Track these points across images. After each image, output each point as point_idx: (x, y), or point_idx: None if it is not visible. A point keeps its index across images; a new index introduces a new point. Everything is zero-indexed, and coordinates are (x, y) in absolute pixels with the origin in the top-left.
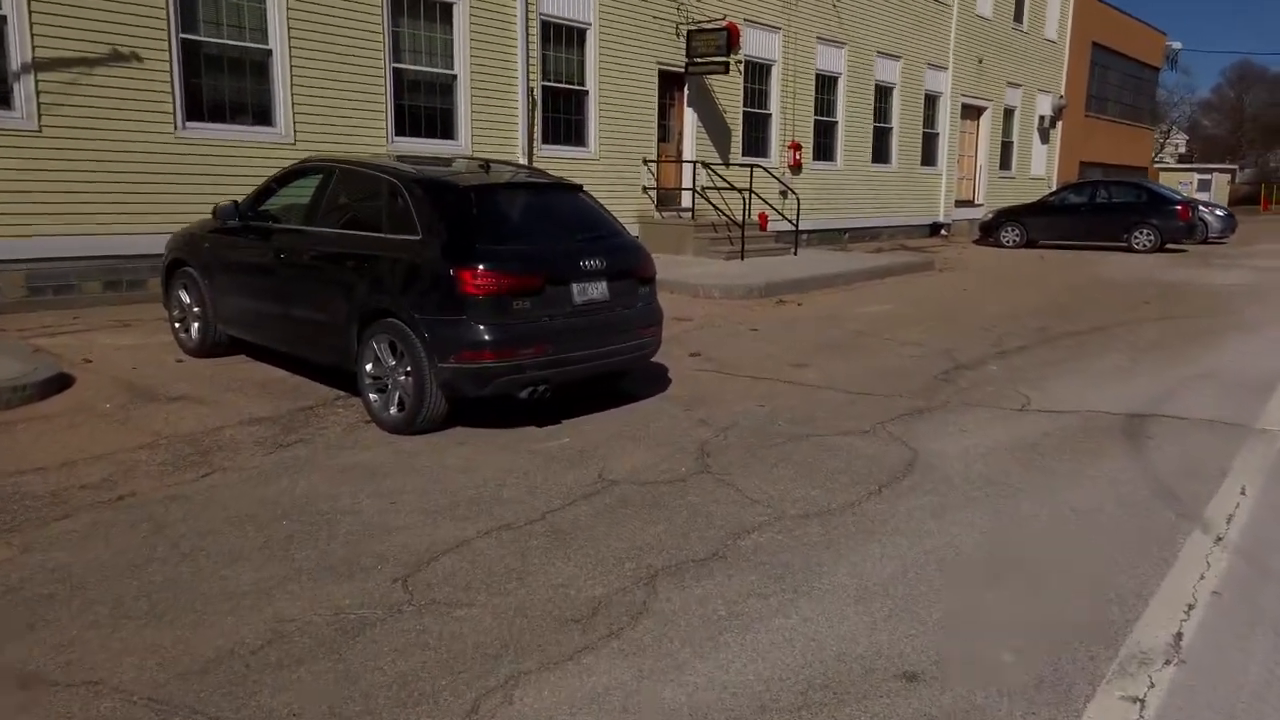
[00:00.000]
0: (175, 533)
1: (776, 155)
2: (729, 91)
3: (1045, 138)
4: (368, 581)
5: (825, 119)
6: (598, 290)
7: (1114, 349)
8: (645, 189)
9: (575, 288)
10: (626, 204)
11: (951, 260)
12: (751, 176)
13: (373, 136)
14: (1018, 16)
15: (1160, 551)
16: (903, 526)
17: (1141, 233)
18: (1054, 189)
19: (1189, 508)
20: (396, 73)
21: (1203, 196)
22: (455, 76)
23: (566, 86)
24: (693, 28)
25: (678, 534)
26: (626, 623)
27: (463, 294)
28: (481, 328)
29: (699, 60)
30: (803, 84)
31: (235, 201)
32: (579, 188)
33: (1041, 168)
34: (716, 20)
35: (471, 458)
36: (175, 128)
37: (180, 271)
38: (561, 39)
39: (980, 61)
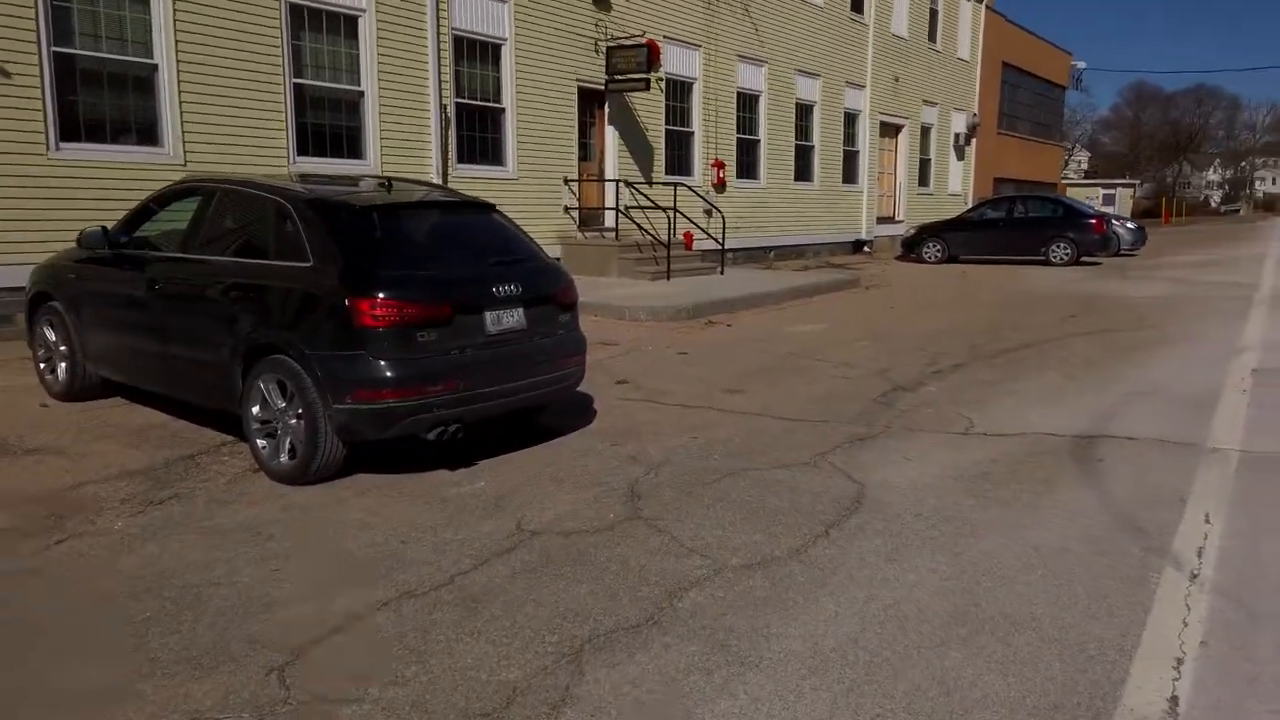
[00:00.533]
0: (5, 619)
1: (700, 174)
2: (651, 109)
3: (961, 155)
4: (236, 675)
5: (748, 137)
6: (513, 318)
7: (1049, 366)
8: (567, 209)
9: (488, 316)
10: (548, 224)
11: (877, 277)
12: (675, 195)
13: (272, 156)
14: (931, 36)
15: (1135, 594)
16: (856, 574)
17: (1058, 246)
18: (972, 205)
19: (1156, 540)
20: (298, 89)
21: (1109, 210)
22: (362, 93)
23: (483, 104)
24: (612, 44)
25: (606, 595)
26: (546, 715)
27: (360, 326)
28: (382, 363)
29: (619, 77)
30: (724, 102)
31: (104, 227)
32: (492, 207)
33: (958, 184)
34: (636, 37)
35: (373, 510)
36: (48, 149)
37: (45, 306)
38: (476, 54)
39: (897, 80)
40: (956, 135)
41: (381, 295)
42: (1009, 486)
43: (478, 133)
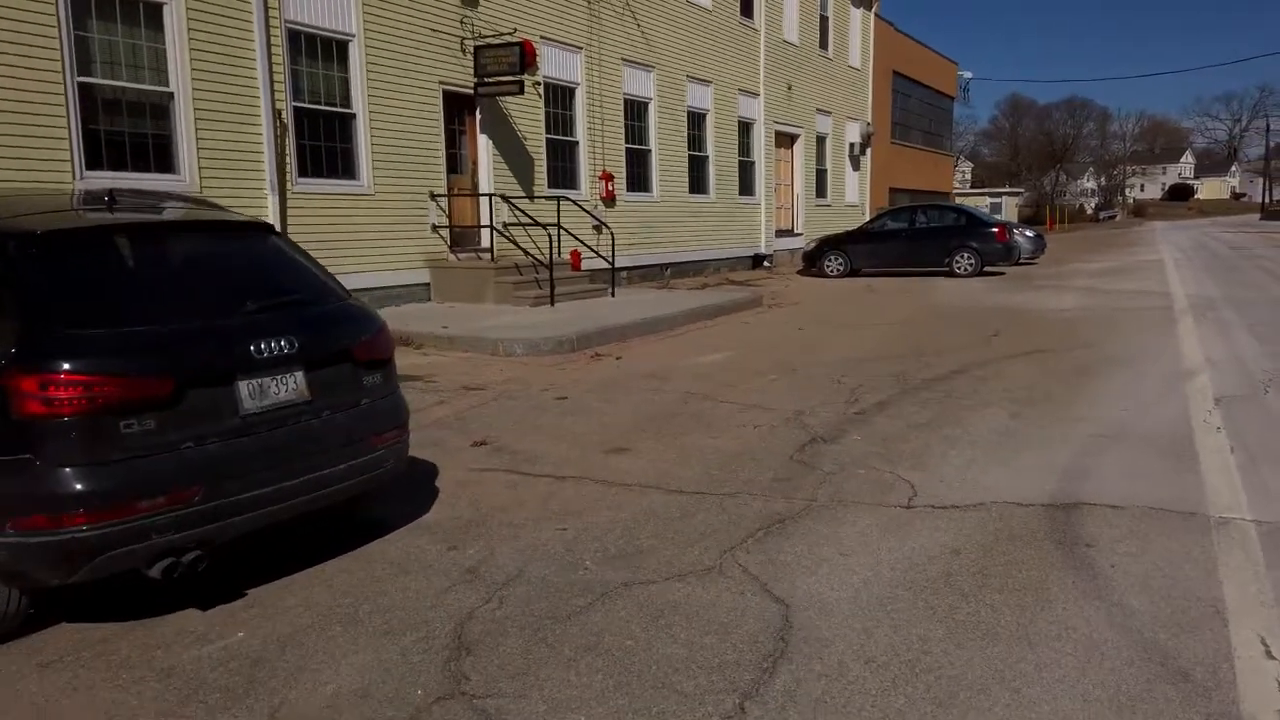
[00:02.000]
0: None
1: (587, 187)
2: (529, 116)
3: (856, 165)
4: None
5: (638, 147)
6: (288, 387)
7: (990, 400)
8: (435, 227)
9: (245, 387)
10: (413, 246)
11: (779, 294)
12: (559, 211)
13: (52, 170)
14: (823, 44)
15: None
16: None
17: (962, 256)
18: (873, 215)
19: (1217, 701)
20: (84, 89)
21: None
22: (171, 94)
23: (329, 109)
24: (480, 43)
25: None
26: None
27: (24, 416)
28: (64, 472)
29: (490, 80)
30: (611, 109)
31: None
32: (267, 229)
33: (855, 195)
34: (507, 34)
35: (52, 700)
36: None
37: None
38: (318, 52)
39: (790, 88)
40: (851, 145)
41: (63, 366)
42: (984, 599)
43: (324, 142)
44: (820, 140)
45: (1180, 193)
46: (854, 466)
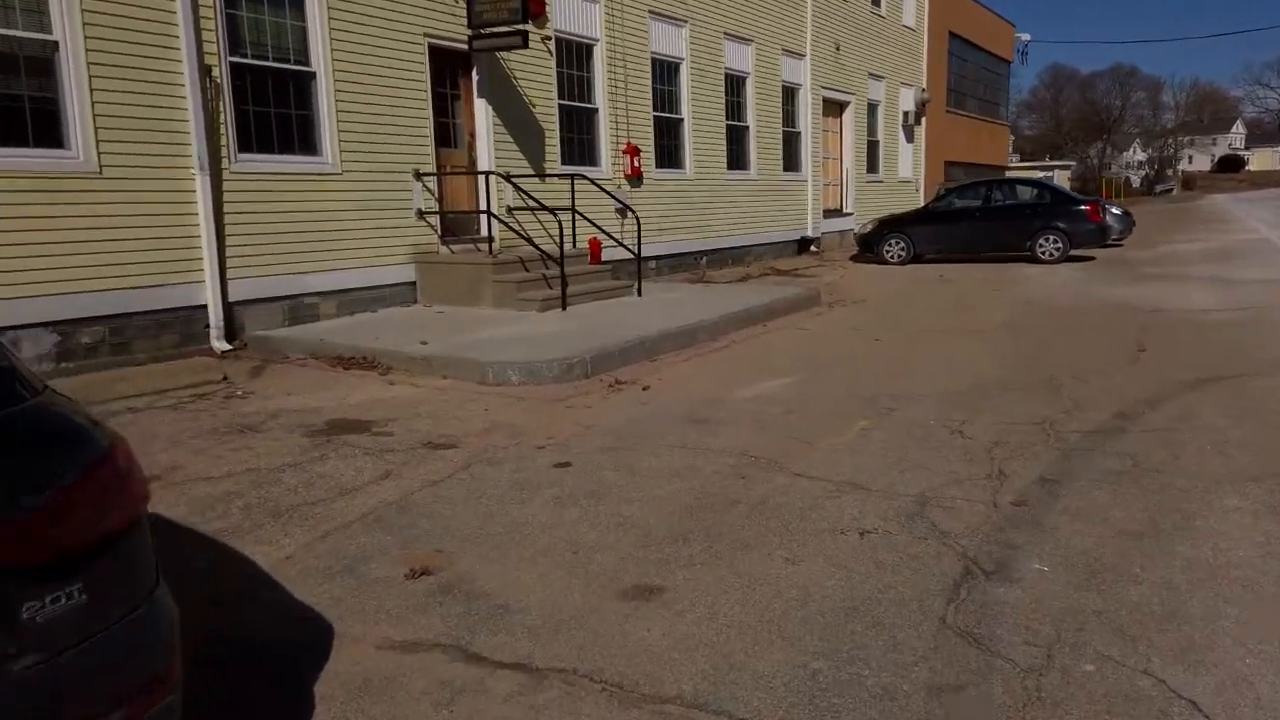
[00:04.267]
0: None
1: (608, 163)
2: (538, 78)
3: (910, 136)
4: None
5: (668, 115)
6: None
7: (1208, 474)
8: (422, 214)
9: None
10: (393, 237)
11: (836, 288)
12: (574, 191)
13: None
14: (875, 0)
15: None
16: None
17: (1047, 239)
18: (938, 192)
19: None
20: None
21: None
22: (55, 44)
23: (279, 65)
24: None
25: None
26: None
27: None
28: None
29: (487, 31)
30: (636, 71)
31: None
32: None
33: (909, 169)
34: None
35: None
36: None
37: None
38: None
39: (838, 49)
40: (905, 114)
41: None
42: None
43: (274, 108)
44: (872, 109)
45: (1231, 164)
46: (1066, 649)
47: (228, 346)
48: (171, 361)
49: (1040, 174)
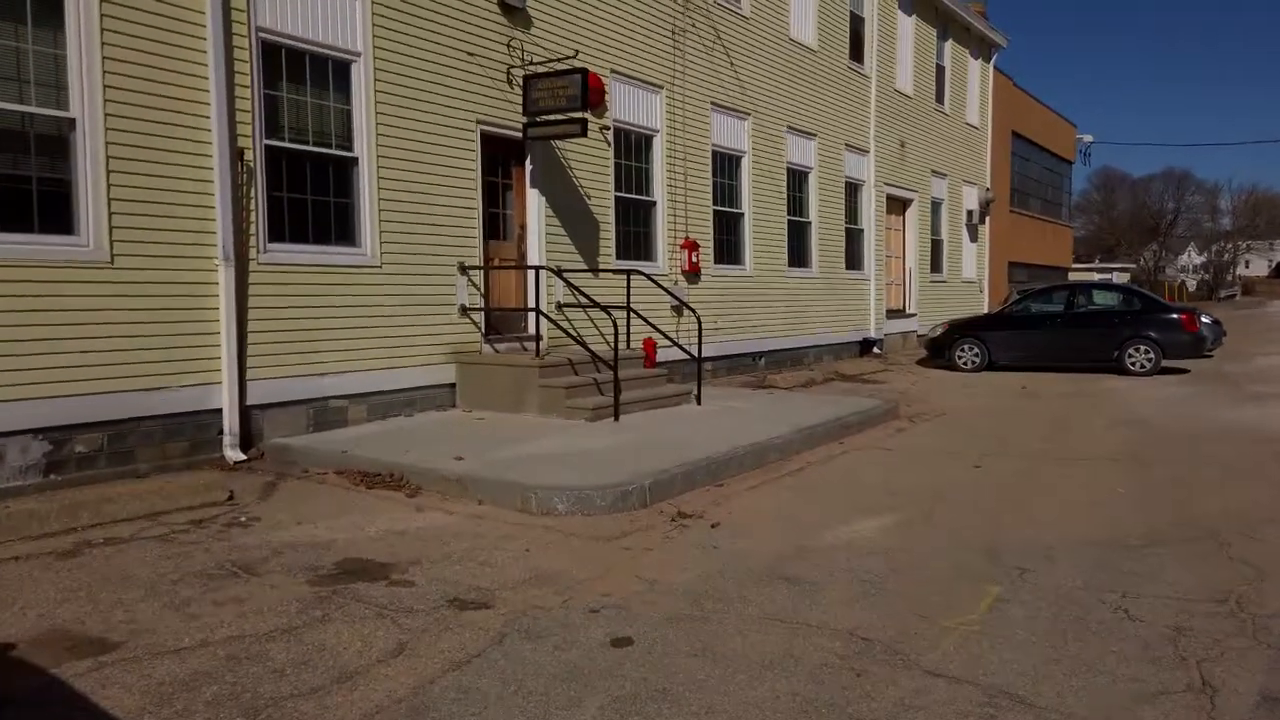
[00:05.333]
0: None
1: (665, 258)
2: (594, 169)
3: (974, 235)
4: None
5: (728, 209)
6: None
7: None
8: (466, 310)
9: None
10: (434, 336)
11: (911, 397)
12: (629, 288)
13: None
14: (939, 96)
15: None
16: None
17: (1138, 350)
18: (1015, 295)
19: None
20: None
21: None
22: (72, 121)
23: (319, 150)
24: (532, 71)
25: None
26: None
27: None
28: None
29: (543, 119)
30: (696, 163)
31: None
32: None
33: (972, 269)
34: (568, 59)
35: None
36: None
37: None
38: (305, 74)
39: (903, 145)
40: (969, 213)
41: None
42: None
43: (310, 194)
44: (935, 206)
45: None
46: None
47: (241, 457)
48: (178, 473)
49: (1096, 275)
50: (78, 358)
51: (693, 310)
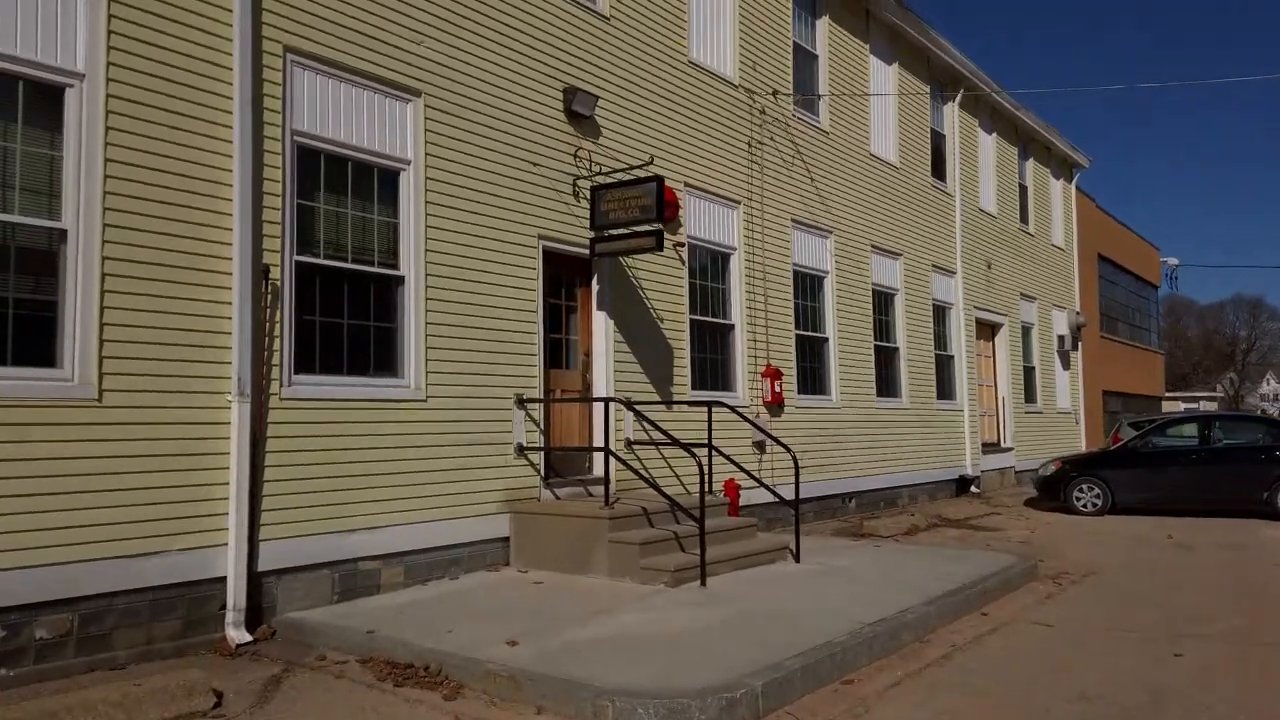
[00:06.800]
0: None
1: (744, 388)
2: (668, 289)
3: (1066, 362)
4: None
5: (811, 334)
6: None
7: None
8: (523, 449)
9: None
10: (484, 479)
11: (1041, 549)
12: (710, 423)
13: None
14: (1023, 217)
15: None
16: None
17: None
18: (1143, 429)
19: None
20: None
21: None
22: (63, 233)
23: (359, 268)
24: (601, 181)
25: None
26: None
27: None
28: None
29: (613, 233)
30: (777, 283)
31: None
32: None
33: (1066, 399)
34: (637, 169)
35: None
36: None
37: None
38: (346, 182)
39: (989, 266)
40: (1060, 338)
41: None
42: None
43: (347, 318)
44: (1025, 331)
45: None
46: None
47: (247, 638)
48: (165, 661)
49: (1183, 404)
50: (47, 517)
51: (786, 447)
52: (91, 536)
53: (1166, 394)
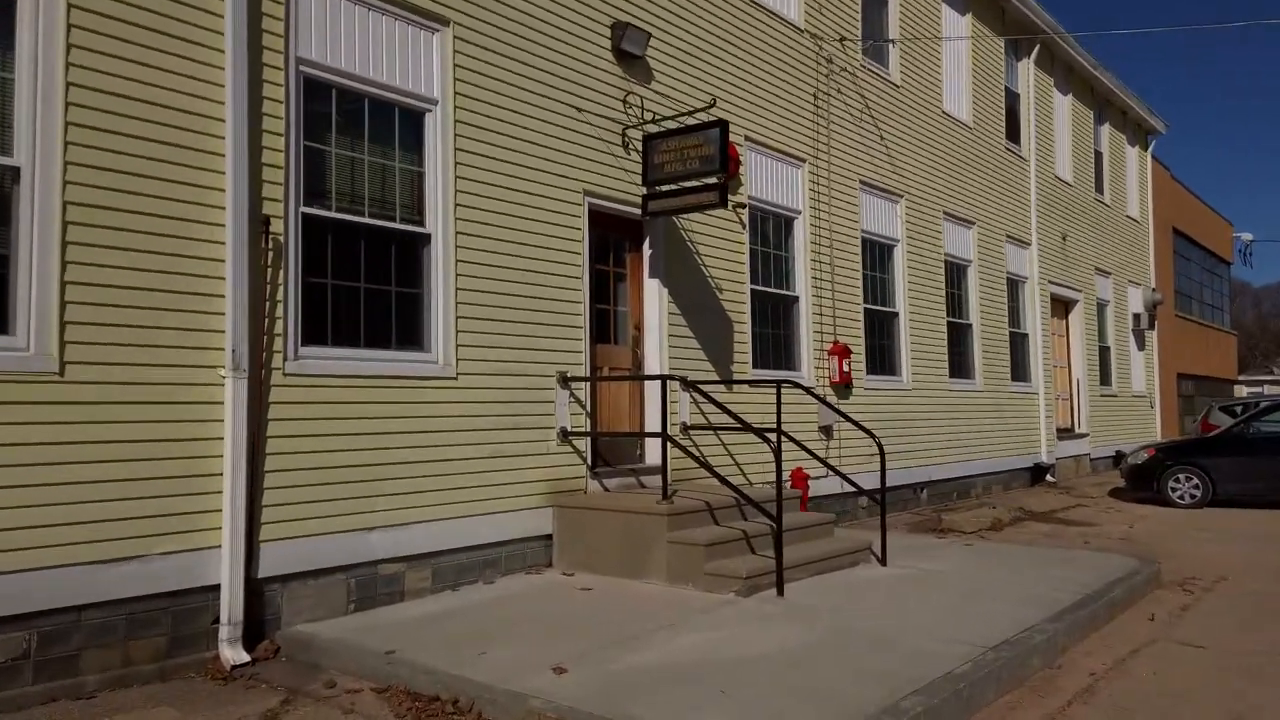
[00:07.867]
0: None
1: (809, 366)
2: (727, 255)
3: (1141, 342)
4: None
5: (880, 309)
6: None
7: None
8: (566, 434)
9: None
10: (522, 471)
11: (1147, 547)
12: (779, 406)
13: None
14: (1098, 186)
15: None
16: None
17: None
18: (1246, 412)
19: None
20: None
21: None
22: (16, 171)
23: (376, 223)
24: (655, 129)
25: None
26: None
27: None
28: None
29: (668, 188)
30: (844, 251)
31: None
32: None
33: (1141, 381)
34: (700, 110)
35: None
36: None
37: None
38: (361, 122)
39: (1064, 239)
40: (1135, 316)
41: None
42: None
43: (363, 282)
44: (1100, 309)
45: None
46: None
47: (244, 658)
48: (145, 688)
49: (1265, 387)
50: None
51: (869, 433)
52: (52, 539)
53: (1242, 379)
